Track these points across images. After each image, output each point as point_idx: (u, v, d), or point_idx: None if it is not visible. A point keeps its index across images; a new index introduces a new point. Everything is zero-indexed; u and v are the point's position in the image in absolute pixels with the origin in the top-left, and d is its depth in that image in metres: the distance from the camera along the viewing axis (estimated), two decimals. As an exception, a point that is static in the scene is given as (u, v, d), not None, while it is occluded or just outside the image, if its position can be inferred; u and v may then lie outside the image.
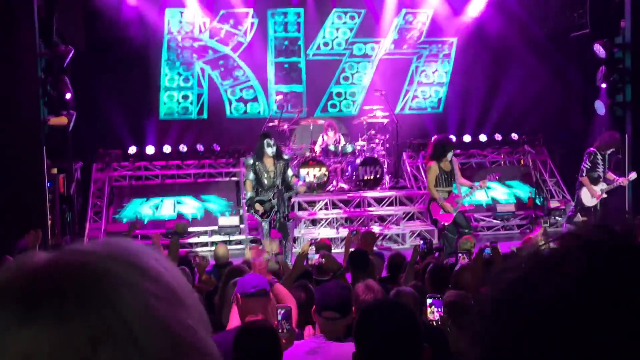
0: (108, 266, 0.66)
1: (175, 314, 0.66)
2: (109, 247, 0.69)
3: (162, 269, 0.69)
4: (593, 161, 9.35)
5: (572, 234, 0.64)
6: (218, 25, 14.07)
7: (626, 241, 0.60)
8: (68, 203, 11.09)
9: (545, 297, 0.59)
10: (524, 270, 0.63)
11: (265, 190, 8.72)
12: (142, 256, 0.69)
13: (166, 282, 0.68)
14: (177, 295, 0.68)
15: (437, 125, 14.14)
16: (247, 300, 3.56)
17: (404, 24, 14.82)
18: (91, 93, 12.29)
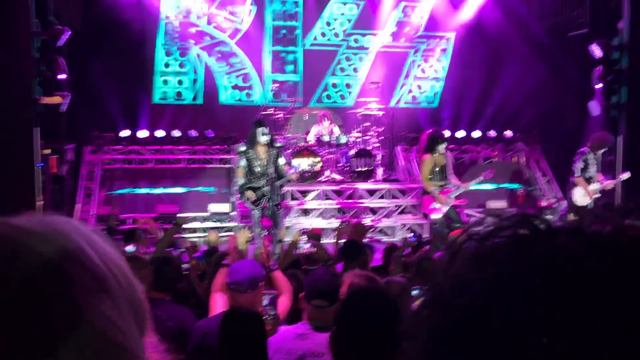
0: (29, 243, 0.64)
1: (95, 303, 0.64)
2: (41, 224, 0.67)
3: (94, 254, 0.67)
4: (585, 161, 9.34)
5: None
6: (216, 11, 13.99)
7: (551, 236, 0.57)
8: (59, 184, 11.04)
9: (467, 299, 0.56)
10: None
11: (257, 178, 8.68)
12: (73, 238, 0.67)
13: (94, 269, 0.66)
14: (105, 284, 0.66)
15: (431, 119, 14.15)
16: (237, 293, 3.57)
17: (402, 17, 14.79)
18: (86, 75, 12.21)
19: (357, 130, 12.58)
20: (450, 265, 0.60)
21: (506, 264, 0.55)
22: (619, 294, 0.51)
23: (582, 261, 0.54)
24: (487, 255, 0.57)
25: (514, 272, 0.55)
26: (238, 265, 3.70)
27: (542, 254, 0.55)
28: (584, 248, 0.54)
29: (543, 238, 0.57)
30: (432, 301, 0.60)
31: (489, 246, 0.58)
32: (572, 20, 12.91)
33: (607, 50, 10.91)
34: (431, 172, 8.85)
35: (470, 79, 14.50)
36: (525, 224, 0.58)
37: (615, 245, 0.54)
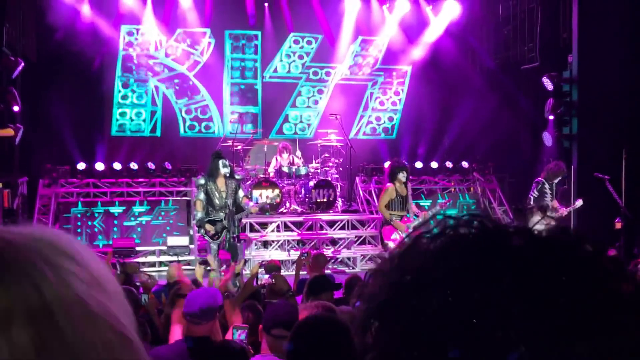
0: (33, 245, 0.66)
1: (97, 297, 0.66)
2: (38, 230, 0.69)
3: (89, 257, 0.70)
4: (541, 190, 9.53)
5: None
6: (174, 43, 13.99)
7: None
8: (11, 218, 10.74)
9: None
10: None
11: (217, 211, 8.60)
12: (69, 242, 0.69)
13: (91, 270, 0.68)
14: (101, 283, 0.68)
15: (390, 151, 14.31)
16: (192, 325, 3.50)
17: (360, 51, 15.02)
18: (41, 107, 12.03)
19: (316, 162, 12.63)
20: (401, 259, 0.66)
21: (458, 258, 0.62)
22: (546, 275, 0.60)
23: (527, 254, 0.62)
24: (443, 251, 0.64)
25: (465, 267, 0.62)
26: (193, 296, 3.64)
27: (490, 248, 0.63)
28: (528, 244, 0.63)
29: (489, 235, 0.65)
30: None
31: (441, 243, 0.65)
32: (523, 54, 13.29)
33: (558, 83, 11.26)
34: (391, 201, 8.90)
35: (427, 110, 14.76)
36: (474, 222, 0.66)
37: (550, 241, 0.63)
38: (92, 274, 0.68)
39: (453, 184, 13.86)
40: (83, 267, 0.67)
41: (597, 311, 0.58)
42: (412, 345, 0.61)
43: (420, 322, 0.61)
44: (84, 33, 12.81)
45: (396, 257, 0.67)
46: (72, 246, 0.69)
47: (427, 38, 14.86)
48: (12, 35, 10.89)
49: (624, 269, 0.62)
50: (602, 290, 0.59)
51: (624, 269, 0.62)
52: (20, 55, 10.40)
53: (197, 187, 8.82)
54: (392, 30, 14.86)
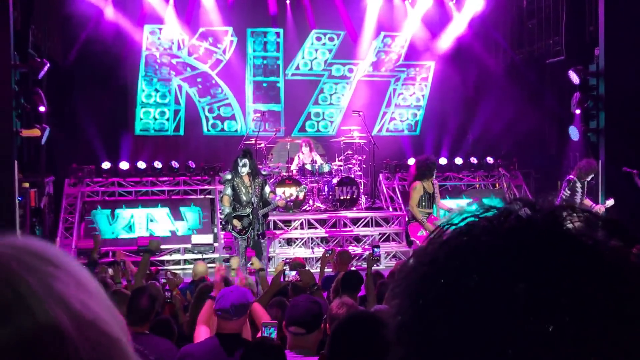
0: (9, 252, 0.67)
1: (79, 297, 0.67)
2: (15, 239, 0.70)
3: (66, 260, 0.70)
4: (572, 188, 9.38)
5: None
6: (197, 42, 14.06)
7: None
8: (38, 218, 10.88)
9: None
10: None
11: (243, 206, 8.63)
12: (47, 248, 0.70)
13: (71, 271, 0.69)
14: (82, 283, 0.69)
15: (413, 147, 14.23)
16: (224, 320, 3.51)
17: (382, 47, 14.95)
18: (66, 107, 12.17)
19: (339, 159, 12.60)
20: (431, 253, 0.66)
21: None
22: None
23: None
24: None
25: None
26: (225, 292, 3.64)
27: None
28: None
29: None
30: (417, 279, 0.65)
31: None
32: (548, 48, 13.12)
33: (584, 76, 11.09)
34: (420, 199, 8.84)
35: (450, 106, 14.65)
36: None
37: None
38: (71, 275, 0.68)
39: (478, 180, 13.74)
40: (62, 269, 0.68)
41: None
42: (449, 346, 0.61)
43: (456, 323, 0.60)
44: (107, 33, 12.93)
45: (430, 250, 0.67)
46: (50, 251, 0.70)
47: (450, 33, 14.74)
48: (38, 37, 11.02)
49: None
50: None
51: None
52: (45, 57, 10.51)
53: (224, 183, 8.85)
54: (415, 25, 14.76)
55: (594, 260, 0.60)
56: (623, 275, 0.59)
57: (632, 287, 0.59)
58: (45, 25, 11.79)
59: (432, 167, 8.80)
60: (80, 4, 12.68)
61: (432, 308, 0.62)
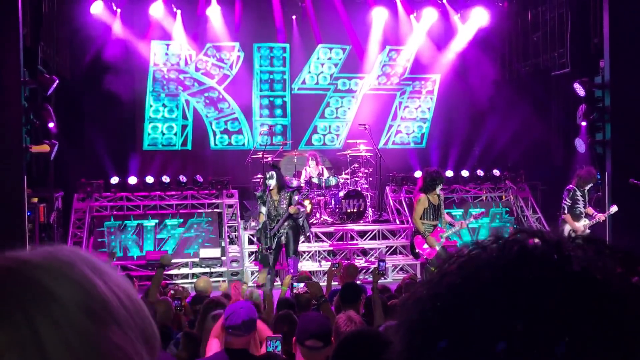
0: (33, 275, 0.64)
1: (102, 329, 0.64)
2: (46, 256, 0.68)
3: (100, 283, 0.67)
4: (573, 198, 9.40)
5: None
6: (204, 58, 14.17)
7: None
8: (47, 232, 10.95)
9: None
10: None
11: (272, 221, 8.77)
12: (76, 266, 0.67)
13: (99, 296, 0.66)
14: (110, 310, 0.66)
15: (420, 160, 14.25)
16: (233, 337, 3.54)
17: (388, 61, 15.03)
18: (75, 122, 12.28)
19: (346, 172, 12.64)
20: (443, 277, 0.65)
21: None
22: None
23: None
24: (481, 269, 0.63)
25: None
26: (235, 309, 3.67)
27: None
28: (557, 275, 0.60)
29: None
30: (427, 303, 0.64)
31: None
32: (553, 61, 13.16)
33: (590, 88, 11.11)
34: (425, 211, 8.84)
35: (456, 119, 14.70)
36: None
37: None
38: (99, 300, 0.66)
39: (484, 193, 13.74)
40: (88, 294, 0.66)
41: None
42: None
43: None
44: (115, 49, 13.06)
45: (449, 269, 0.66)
46: (78, 271, 0.67)
47: (455, 46, 14.80)
48: (47, 53, 11.15)
49: None
50: None
51: None
52: (54, 73, 10.62)
53: (257, 200, 9.12)
54: (420, 39, 14.84)
55: (598, 294, 0.58)
56: (627, 309, 0.58)
57: (635, 321, 0.58)
58: (54, 42, 11.93)
59: (436, 180, 8.80)
60: (88, 20, 12.83)
61: (430, 343, 0.61)
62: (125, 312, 0.68)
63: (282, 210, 8.81)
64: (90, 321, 0.64)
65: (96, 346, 0.63)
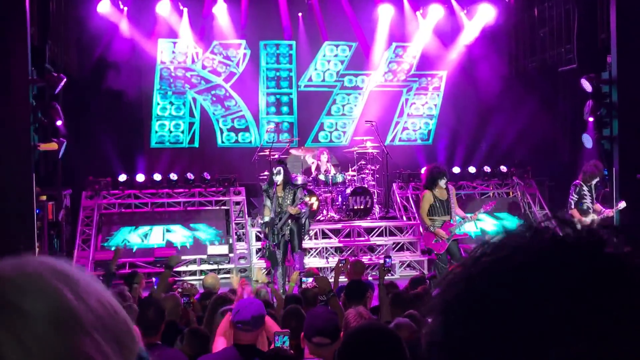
0: (3, 291, 0.65)
1: (69, 340, 0.65)
2: (14, 269, 0.68)
3: (66, 291, 0.68)
4: (579, 193, 9.37)
5: None
6: (210, 55, 14.20)
7: None
8: (56, 230, 11.02)
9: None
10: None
11: (276, 217, 8.82)
12: (46, 279, 0.68)
13: (67, 305, 0.67)
14: (78, 318, 0.67)
15: (426, 156, 14.25)
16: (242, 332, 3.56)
17: (394, 57, 15.02)
18: (82, 120, 12.32)
19: (352, 169, 12.65)
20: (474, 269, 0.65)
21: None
22: None
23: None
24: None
25: None
26: (244, 305, 3.70)
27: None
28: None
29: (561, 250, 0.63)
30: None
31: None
32: (560, 56, 13.12)
33: (597, 84, 11.08)
34: (432, 207, 8.84)
35: (463, 115, 14.67)
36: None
37: None
38: (74, 318, 0.67)
39: (492, 189, 13.73)
40: (66, 310, 0.66)
41: None
42: None
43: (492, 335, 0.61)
44: (122, 47, 13.11)
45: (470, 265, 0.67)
46: (56, 290, 0.67)
47: (461, 42, 14.78)
48: (55, 52, 11.20)
49: None
50: None
51: None
52: (62, 71, 10.67)
53: (263, 193, 9.16)
54: (426, 35, 14.82)
55: (629, 278, 0.60)
56: None
57: None
58: (62, 41, 11.98)
59: (437, 176, 8.80)
60: (95, 19, 12.88)
61: (463, 325, 0.62)
62: (94, 319, 0.68)
63: (286, 206, 8.85)
64: (57, 333, 0.65)
65: (63, 358, 0.64)
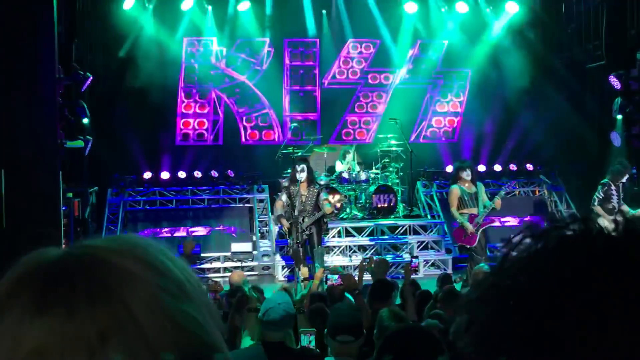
0: (115, 260, 0.68)
1: (181, 306, 0.68)
2: (117, 242, 0.72)
3: (169, 262, 0.71)
4: (607, 192, 9.28)
5: None
6: (235, 53, 14.23)
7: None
8: (82, 227, 11.14)
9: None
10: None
11: (297, 214, 8.79)
12: (149, 250, 0.71)
13: (173, 276, 0.70)
14: (184, 289, 0.70)
15: (451, 154, 14.13)
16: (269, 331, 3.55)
17: (419, 54, 14.91)
18: (108, 118, 12.45)
19: (376, 167, 12.59)
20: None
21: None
22: None
23: None
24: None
25: None
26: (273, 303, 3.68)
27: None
28: None
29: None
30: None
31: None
32: (588, 53, 12.93)
33: (626, 81, 10.89)
34: (461, 201, 8.84)
35: (489, 112, 14.51)
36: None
37: None
38: (174, 280, 0.70)
39: (517, 187, 13.59)
40: (163, 275, 0.69)
41: None
42: None
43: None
44: (148, 46, 13.20)
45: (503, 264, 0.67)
46: (151, 254, 0.71)
47: (487, 39, 14.62)
48: (81, 50, 11.32)
49: None
50: None
51: None
52: (88, 69, 10.78)
53: (281, 190, 9.09)
54: (452, 32, 14.69)
55: None
56: None
57: None
58: (88, 39, 12.10)
59: (459, 169, 8.86)
60: (121, 17, 12.98)
61: (487, 314, 0.64)
62: (191, 287, 0.71)
63: (309, 206, 8.79)
64: (171, 298, 0.68)
65: (179, 321, 0.67)
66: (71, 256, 0.68)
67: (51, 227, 9.20)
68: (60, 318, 0.63)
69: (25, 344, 0.62)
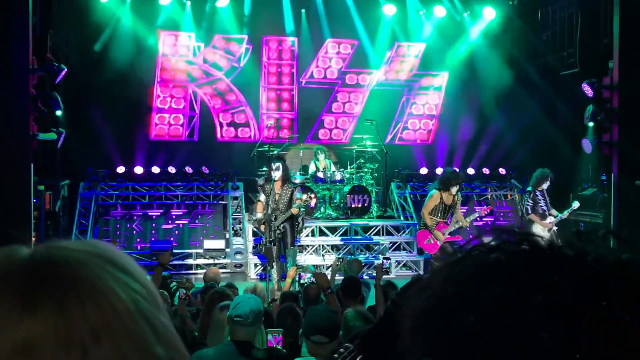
0: (99, 263, 0.68)
1: (156, 313, 0.70)
2: (93, 246, 0.72)
3: (140, 272, 0.73)
4: (534, 199, 9.80)
5: None
6: (212, 49, 14.17)
7: None
8: (53, 220, 10.99)
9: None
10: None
11: (272, 213, 8.78)
12: (125, 260, 0.72)
13: (147, 286, 0.72)
14: (154, 298, 0.72)
15: (426, 157, 14.25)
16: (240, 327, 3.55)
17: (396, 56, 15.00)
18: (82, 111, 12.30)
19: (351, 167, 12.64)
20: (451, 276, 0.67)
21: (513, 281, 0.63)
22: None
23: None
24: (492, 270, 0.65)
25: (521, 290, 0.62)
26: (243, 299, 3.69)
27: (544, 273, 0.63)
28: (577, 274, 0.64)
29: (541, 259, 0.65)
30: (434, 309, 0.66)
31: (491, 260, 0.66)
32: (562, 60, 13.12)
33: (598, 89, 11.07)
34: (435, 208, 8.91)
35: (463, 116, 14.66)
36: (524, 242, 0.67)
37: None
38: (148, 289, 0.71)
39: (490, 191, 13.74)
40: (140, 282, 0.70)
41: None
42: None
43: (453, 337, 0.63)
44: (124, 39, 13.07)
45: (445, 268, 0.69)
46: (128, 263, 0.72)
47: (463, 44, 14.77)
48: (56, 42, 11.16)
49: None
50: None
51: None
52: (63, 61, 10.65)
53: (258, 189, 9.10)
54: (429, 35, 14.80)
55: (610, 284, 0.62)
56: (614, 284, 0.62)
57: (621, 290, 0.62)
58: (64, 30, 11.95)
59: (449, 182, 8.90)
60: (98, 9, 12.85)
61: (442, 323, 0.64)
62: (160, 302, 0.73)
63: (282, 204, 8.79)
64: (146, 302, 0.69)
65: (156, 327, 0.68)
66: (53, 255, 0.68)
67: (21, 219, 9.08)
68: (51, 314, 0.63)
69: (12, 340, 0.62)
